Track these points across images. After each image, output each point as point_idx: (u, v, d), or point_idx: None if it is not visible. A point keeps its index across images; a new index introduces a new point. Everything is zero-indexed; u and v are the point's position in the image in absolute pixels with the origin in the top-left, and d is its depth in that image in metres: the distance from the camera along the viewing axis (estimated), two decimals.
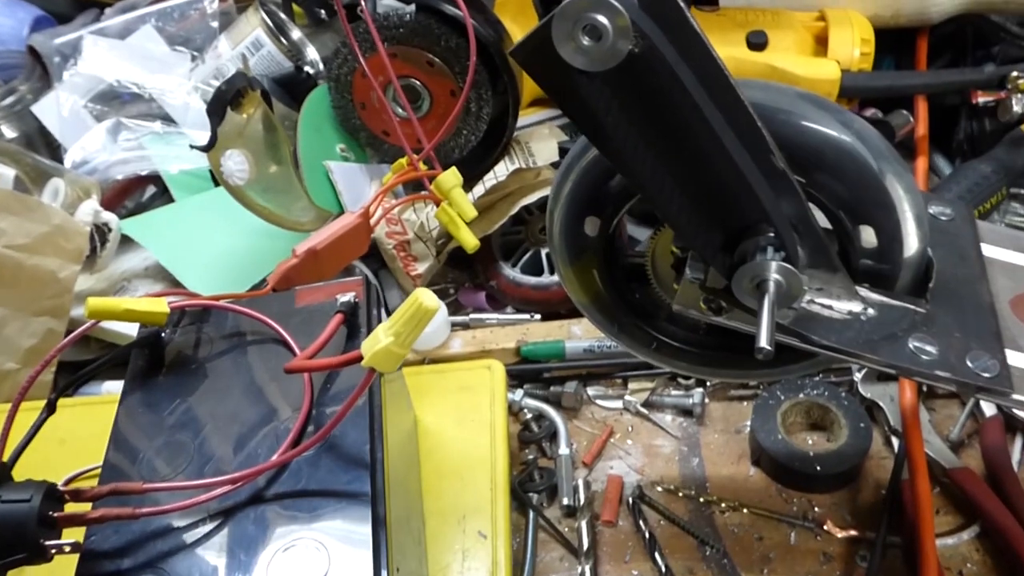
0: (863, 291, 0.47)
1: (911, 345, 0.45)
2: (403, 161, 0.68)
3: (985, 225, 0.55)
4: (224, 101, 0.65)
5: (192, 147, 0.69)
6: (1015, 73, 0.86)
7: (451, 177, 0.65)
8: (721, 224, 0.43)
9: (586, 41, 0.35)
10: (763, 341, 0.39)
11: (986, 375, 0.44)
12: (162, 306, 0.51)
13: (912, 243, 0.46)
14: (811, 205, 0.46)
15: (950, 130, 0.93)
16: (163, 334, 0.53)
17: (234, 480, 0.42)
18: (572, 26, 0.35)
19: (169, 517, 0.43)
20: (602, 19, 0.34)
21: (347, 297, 0.51)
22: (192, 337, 0.53)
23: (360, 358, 0.38)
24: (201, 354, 0.52)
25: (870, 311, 0.47)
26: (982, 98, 0.90)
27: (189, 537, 0.42)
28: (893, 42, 0.94)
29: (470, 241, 0.65)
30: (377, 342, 0.37)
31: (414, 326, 0.37)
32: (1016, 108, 0.82)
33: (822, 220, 0.47)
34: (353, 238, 0.61)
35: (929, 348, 0.45)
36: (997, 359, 0.45)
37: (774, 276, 0.42)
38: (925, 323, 0.46)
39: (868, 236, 0.47)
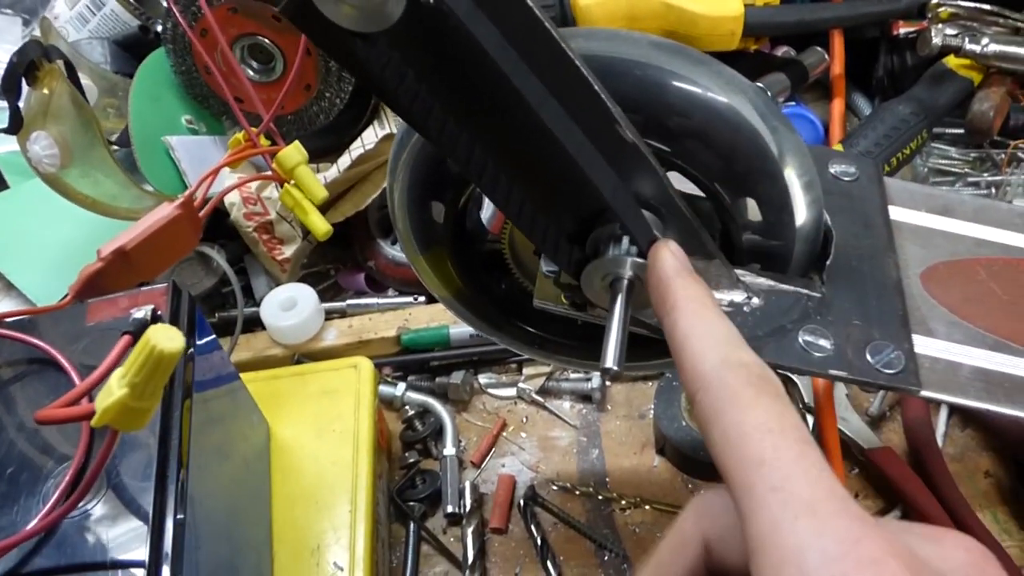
0: (747, 276, 0.40)
1: (801, 340, 0.38)
2: (239, 136, 0.59)
3: (895, 183, 0.48)
4: (17, 75, 0.55)
5: None
6: (935, 1, 0.78)
7: (294, 153, 0.57)
8: (563, 211, 0.35)
9: None
10: (609, 360, 0.32)
11: (888, 371, 0.38)
12: None
13: (802, 213, 0.39)
14: (680, 176, 0.38)
15: (870, 66, 0.86)
16: None
17: None
18: None
19: None
20: None
21: (142, 312, 0.42)
22: None
23: (91, 414, 0.30)
24: None
25: (755, 300, 0.39)
26: (903, 29, 0.83)
27: None
28: None
29: (321, 227, 0.57)
30: (110, 395, 0.29)
31: (151, 374, 0.28)
32: (936, 40, 0.75)
33: (694, 191, 0.40)
34: (175, 232, 0.52)
35: (822, 342, 0.38)
36: (902, 350, 0.38)
37: (629, 273, 0.34)
38: (820, 310, 0.40)
39: (752, 209, 0.39)
